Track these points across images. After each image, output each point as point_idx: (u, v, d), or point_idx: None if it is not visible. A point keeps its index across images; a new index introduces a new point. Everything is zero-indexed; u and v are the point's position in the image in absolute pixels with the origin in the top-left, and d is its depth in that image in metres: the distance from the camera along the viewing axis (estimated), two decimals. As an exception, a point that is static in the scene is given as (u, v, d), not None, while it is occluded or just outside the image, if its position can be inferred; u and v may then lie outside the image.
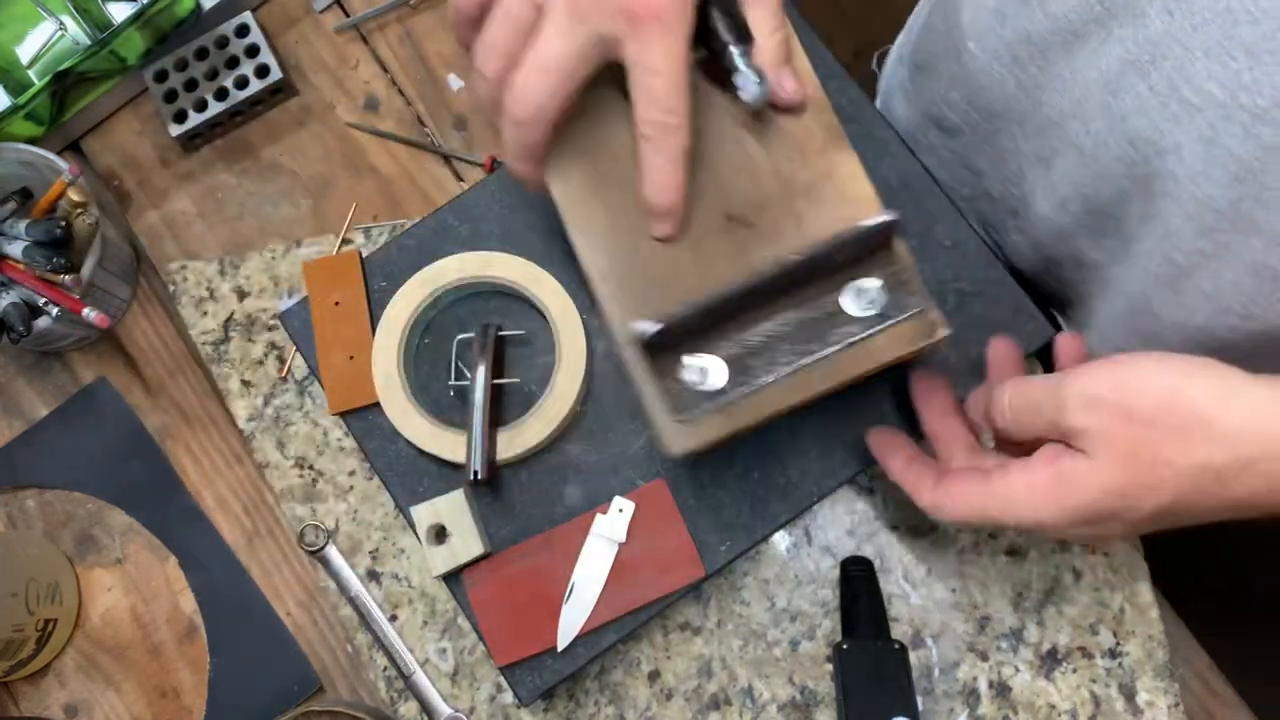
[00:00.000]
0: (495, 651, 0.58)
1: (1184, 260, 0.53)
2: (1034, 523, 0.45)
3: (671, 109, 0.45)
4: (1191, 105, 0.47)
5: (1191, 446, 0.41)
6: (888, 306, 0.47)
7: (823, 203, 0.49)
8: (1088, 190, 0.57)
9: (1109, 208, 0.57)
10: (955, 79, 0.64)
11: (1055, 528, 0.45)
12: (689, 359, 0.47)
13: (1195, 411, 0.41)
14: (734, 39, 0.47)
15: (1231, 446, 0.40)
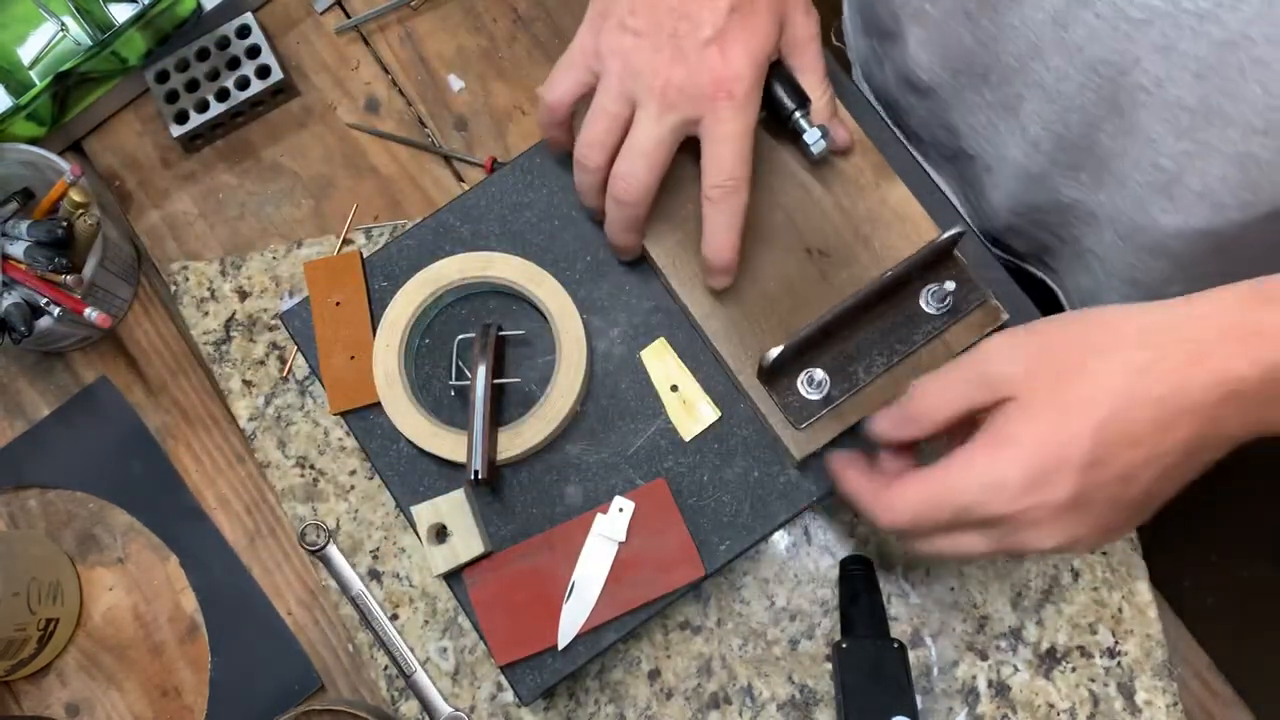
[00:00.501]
0: (496, 650, 0.58)
1: (1171, 165, 0.54)
2: (984, 495, 0.42)
3: (735, 175, 0.52)
4: (1139, 21, 0.49)
5: (1105, 353, 0.41)
6: (958, 303, 0.56)
7: (885, 226, 0.59)
8: (1057, 127, 0.58)
9: (1079, 140, 0.58)
10: (920, 41, 0.65)
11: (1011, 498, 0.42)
12: (803, 375, 0.56)
13: (1105, 323, 0.42)
14: (796, 104, 0.56)
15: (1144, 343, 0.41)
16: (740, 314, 0.59)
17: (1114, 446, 0.41)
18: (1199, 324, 0.41)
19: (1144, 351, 0.41)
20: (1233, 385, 0.40)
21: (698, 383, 0.60)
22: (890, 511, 0.46)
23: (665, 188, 0.60)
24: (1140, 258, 0.61)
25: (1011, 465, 0.42)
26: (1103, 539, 0.43)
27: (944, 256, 0.57)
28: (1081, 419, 0.41)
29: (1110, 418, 0.41)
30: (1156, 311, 0.42)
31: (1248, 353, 0.40)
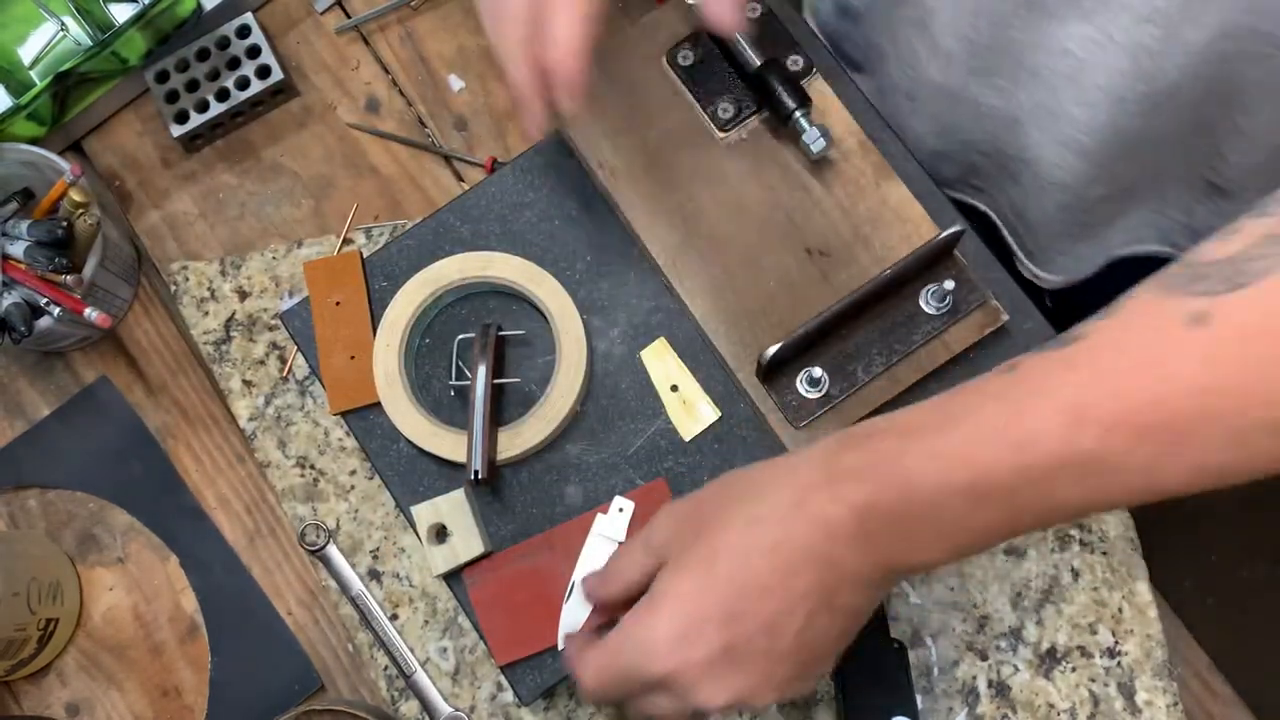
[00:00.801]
0: (496, 651, 0.58)
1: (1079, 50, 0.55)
2: (639, 657, 0.44)
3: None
4: None
5: (724, 512, 0.44)
6: (957, 302, 0.56)
7: (885, 226, 0.59)
8: (969, 33, 0.60)
9: (991, 42, 0.59)
10: None
11: (662, 657, 0.43)
12: (802, 374, 0.56)
13: (734, 480, 0.46)
14: (796, 104, 0.57)
15: (755, 496, 0.44)
16: (740, 314, 0.59)
17: (747, 598, 0.43)
18: (798, 471, 0.44)
19: (755, 504, 0.44)
20: (831, 526, 0.42)
21: (698, 383, 0.60)
22: (581, 680, 0.48)
23: (665, 187, 0.60)
24: (1062, 156, 0.62)
25: (656, 625, 0.44)
26: (778, 691, 0.44)
27: (943, 256, 0.57)
28: (712, 574, 0.43)
29: (736, 570, 0.43)
30: (773, 464, 0.45)
31: (835, 495, 0.42)
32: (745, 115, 0.60)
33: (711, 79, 0.61)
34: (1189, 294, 0.37)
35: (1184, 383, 0.36)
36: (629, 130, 0.61)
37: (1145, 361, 0.37)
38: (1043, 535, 0.66)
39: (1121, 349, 0.38)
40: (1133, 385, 0.37)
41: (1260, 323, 0.35)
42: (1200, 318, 0.36)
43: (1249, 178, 0.59)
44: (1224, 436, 0.36)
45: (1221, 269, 0.37)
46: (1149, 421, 0.36)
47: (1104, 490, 0.38)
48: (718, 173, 0.60)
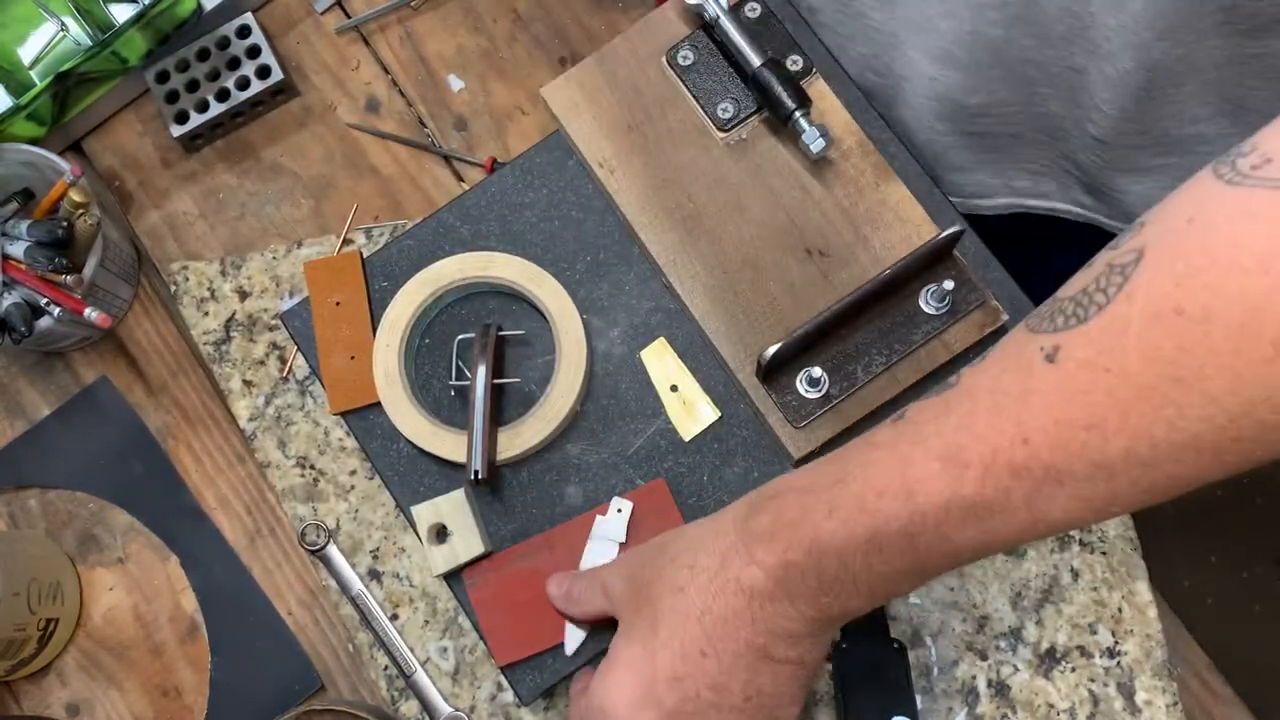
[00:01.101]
0: (496, 651, 0.58)
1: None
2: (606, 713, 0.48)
3: None
4: None
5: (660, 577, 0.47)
6: (957, 303, 0.56)
7: (885, 226, 0.59)
8: None
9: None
10: None
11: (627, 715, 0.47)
12: (802, 374, 0.56)
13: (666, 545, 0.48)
14: (796, 104, 0.57)
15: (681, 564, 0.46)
16: (740, 314, 0.59)
17: (688, 661, 0.46)
18: (720, 536, 0.46)
19: (681, 572, 0.46)
20: (750, 589, 0.44)
21: (697, 383, 0.60)
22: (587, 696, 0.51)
23: (666, 185, 0.60)
24: (937, 69, 0.62)
25: (615, 688, 0.47)
26: None
27: (943, 256, 0.57)
28: (654, 641, 0.46)
29: (672, 637, 0.46)
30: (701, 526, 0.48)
31: (750, 558, 0.44)
32: (745, 115, 0.60)
33: (711, 79, 0.61)
34: (1044, 331, 0.38)
35: (1041, 419, 0.37)
36: (629, 130, 0.61)
37: (1005, 402, 0.38)
38: (1042, 535, 0.66)
39: (987, 390, 0.39)
40: (998, 425, 0.38)
41: (1101, 355, 0.36)
42: (1052, 353, 0.37)
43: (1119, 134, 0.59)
44: (1091, 468, 0.36)
45: (1072, 303, 0.37)
46: (1018, 460, 0.38)
47: (997, 530, 0.39)
48: (718, 173, 0.60)
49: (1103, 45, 0.54)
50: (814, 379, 0.56)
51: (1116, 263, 0.36)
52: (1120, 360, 0.35)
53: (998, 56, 0.58)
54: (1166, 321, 0.34)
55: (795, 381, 0.57)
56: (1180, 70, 0.53)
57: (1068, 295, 0.38)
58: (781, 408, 0.57)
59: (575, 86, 0.62)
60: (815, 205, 0.59)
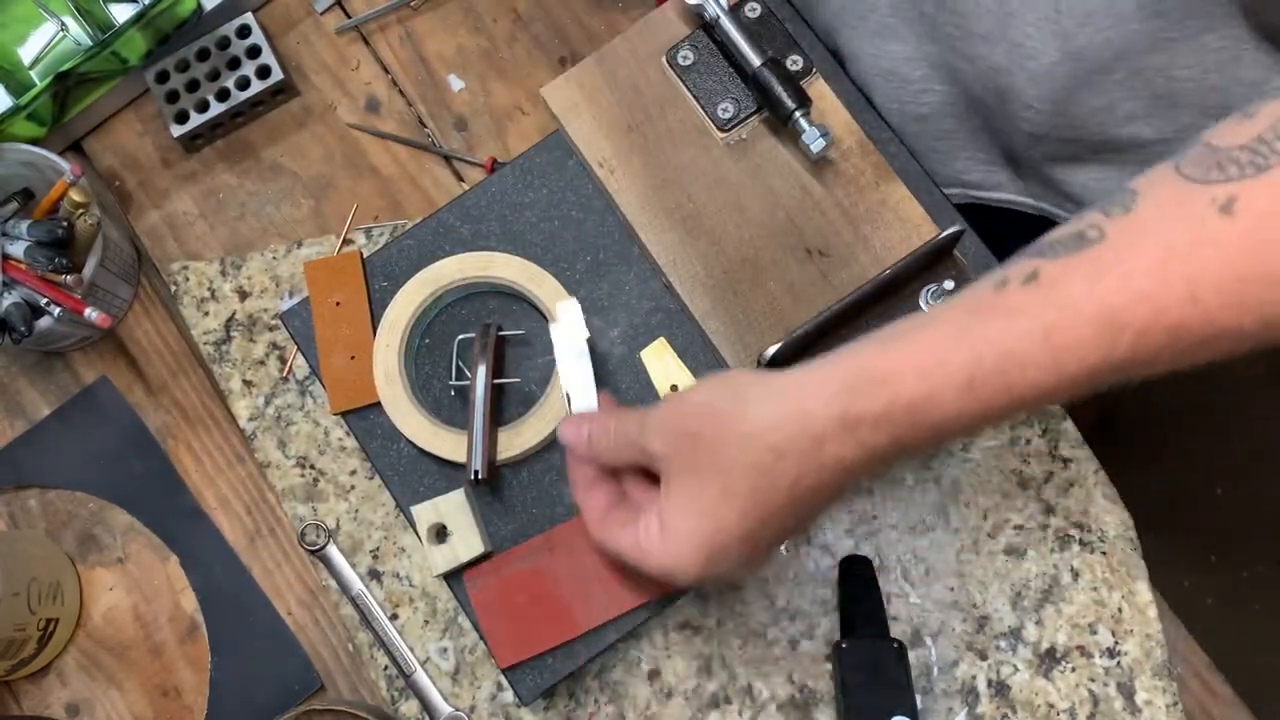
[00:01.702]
0: (497, 653, 0.58)
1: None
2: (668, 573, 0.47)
3: None
4: None
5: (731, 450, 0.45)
6: None
7: (885, 226, 0.59)
8: None
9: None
10: None
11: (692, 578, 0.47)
12: None
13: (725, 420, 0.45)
14: (796, 104, 0.57)
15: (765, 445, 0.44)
16: (740, 314, 0.59)
17: (765, 525, 0.45)
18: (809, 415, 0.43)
19: (763, 455, 0.44)
20: (848, 466, 0.43)
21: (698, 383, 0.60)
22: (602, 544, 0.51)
23: (666, 185, 0.60)
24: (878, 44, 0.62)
25: (686, 560, 0.46)
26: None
27: (943, 256, 0.57)
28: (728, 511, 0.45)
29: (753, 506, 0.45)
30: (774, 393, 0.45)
31: (855, 443, 0.42)
32: (745, 115, 0.60)
33: (711, 79, 0.61)
34: (1212, 181, 0.36)
35: (1215, 275, 0.35)
36: (629, 130, 0.61)
37: (1173, 257, 0.36)
38: (1042, 535, 0.66)
39: (1148, 246, 0.37)
40: (1165, 284, 0.36)
41: None
42: (1227, 205, 0.35)
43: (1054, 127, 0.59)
44: (1259, 326, 0.35)
45: (1245, 154, 0.35)
46: (1184, 319, 0.36)
47: (1131, 378, 0.38)
48: (718, 173, 0.60)
49: (1025, 44, 0.54)
50: None
51: None
52: None
53: (932, 33, 0.58)
54: None
55: None
56: (1106, 58, 0.53)
57: (1235, 144, 0.36)
58: None
59: (575, 86, 0.62)
60: (815, 205, 0.59)
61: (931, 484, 0.67)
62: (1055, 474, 0.66)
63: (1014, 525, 0.66)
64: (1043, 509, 0.66)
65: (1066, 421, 0.67)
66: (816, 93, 0.60)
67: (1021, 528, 0.66)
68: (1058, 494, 0.66)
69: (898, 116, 0.65)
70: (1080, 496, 0.66)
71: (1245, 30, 0.51)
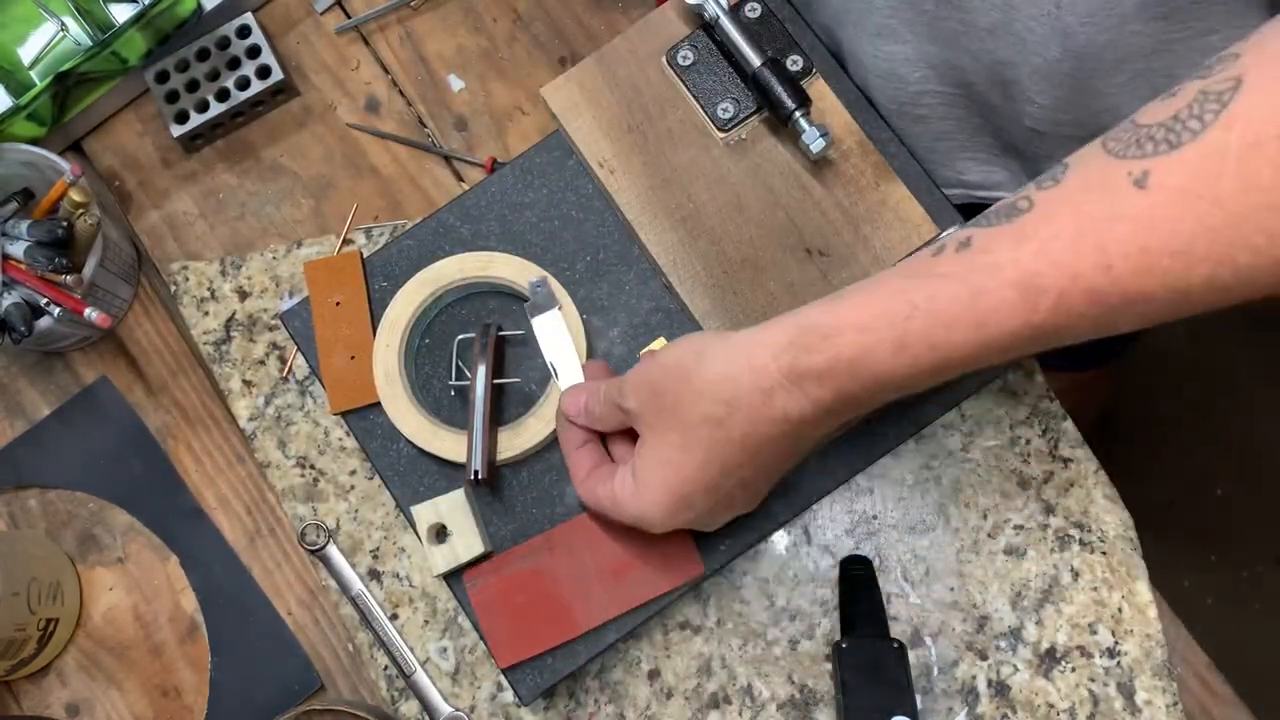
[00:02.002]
0: (498, 654, 0.58)
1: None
2: (639, 520, 0.51)
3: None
4: None
5: (688, 403, 0.48)
6: None
7: (884, 226, 0.59)
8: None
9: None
10: None
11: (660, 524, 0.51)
12: None
13: (685, 376, 0.48)
14: (796, 104, 0.57)
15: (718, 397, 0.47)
16: (740, 314, 0.59)
17: (725, 474, 0.49)
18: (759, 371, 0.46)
19: (717, 407, 0.47)
20: (796, 418, 0.45)
21: (698, 383, 0.60)
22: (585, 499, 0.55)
23: (666, 185, 0.60)
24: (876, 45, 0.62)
25: (650, 503, 0.50)
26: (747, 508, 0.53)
27: None
28: (690, 458, 0.49)
29: (711, 455, 0.48)
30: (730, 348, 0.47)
31: (801, 394, 0.45)
32: (745, 115, 0.60)
33: (711, 79, 0.61)
34: (1130, 157, 0.37)
35: (1128, 245, 0.37)
36: (629, 130, 0.61)
37: (1089, 227, 0.38)
38: (1042, 535, 0.66)
39: (1068, 216, 0.39)
40: (1080, 252, 0.38)
41: (1196, 182, 0.36)
42: (1141, 179, 0.37)
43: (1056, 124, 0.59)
44: (1167, 292, 0.37)
45: (1161, 129, 0.37)
46: (1096, 285, 0.38)
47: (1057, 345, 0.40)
48: (718, 173, 0.60)
49: (1027, 38, 0.54)
50: None
51: (1211, 89, 0.36)
52: (1215, 187, 0.35)
53: (932, 32, 0.59)
54: (1267, 149, 0.34)
55: None
56: (1109, 59, 0.53)
57: (1155, 121, 0.38)
58: None
59: (575, 86, 0.62)
60: (815, 205, 0.59)
61: (931, 484, 0.67)
62: (1055, 474, 0.66)
63: (1014, 525, 0.66)
64: (1043, 509, 0.66)
65: (1066, 421, 0.67)
66: (816, 93, 0.60)
67: (1021, 528, 0.66)
68: (1058, 494, 0.66)
69: (897, 117, 0.65)
70: (1080, 496, 0.66)
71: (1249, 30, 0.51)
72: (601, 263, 0.62)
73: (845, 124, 0.60)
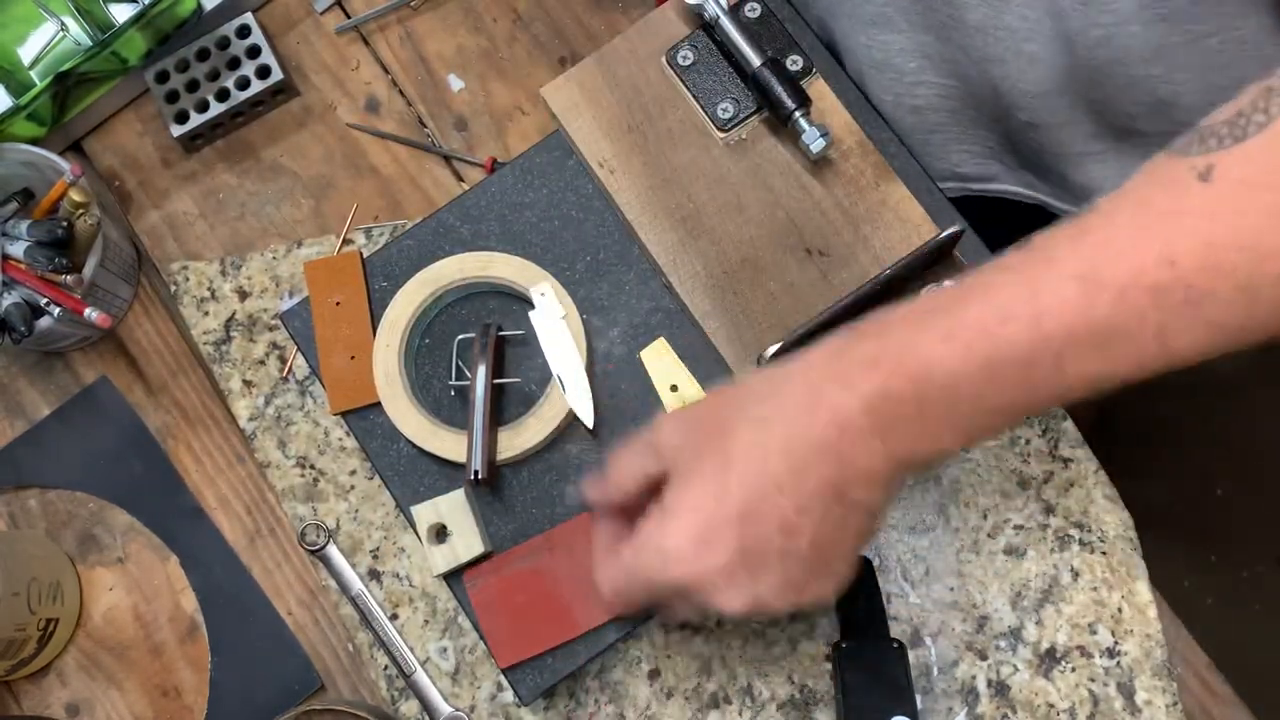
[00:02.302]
0: (497, 653, 0.58)
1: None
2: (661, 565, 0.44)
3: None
4: None
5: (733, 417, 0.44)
6: None
7: (884, 226, 0.59)
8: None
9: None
10: None
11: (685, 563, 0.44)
12: None
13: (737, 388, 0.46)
14: (796, 104, 0.57)
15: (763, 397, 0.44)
16: (740, 314, 0.59)
17: (761, 498, 0.42)
18: (812, 368, 0.43)
19: (764, 405, 0.43)
20: (843, 419, 0.41)
21: (697, 383, 0.60)
22: (602, 586, 0.49)
23: (666, 185, 0.60)
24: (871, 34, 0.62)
25: (676, 534, 0.44)
26: (796, 593, 0.44)
27: (943, 256, 0.57)
28: (726, 478, 0.43)
29: (749, 472, 0.43)
30: (785, 365, 0.44)
31: (847, 386, 0.41)
32: (745, 115, 0.60)
33: (711, 79, 0.61)
34: (1195, 154, 0.37)
35: (1191, 238, 0.36)
36: (629, 130, 0.61)
37: (1152, 221, 0.37)
38: (1042, 535, 0.66)
39: (1130, 212, 0.38)
40: (1141, 245, 0.37)
41: (1262, 173, 0.35)
42: (1205, 173, 0.36)
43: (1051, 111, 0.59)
44: (1234, 291, 0.36)
45: (1225, 127, 0.36)
46: (1160, 281, 0.36)
47: (1120, 360, 0.38)
48: (718, 173, 0.60)
49: (1019, 27, 0.54)
50: None
51: (1277, 86, 0.36)
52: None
53: (925, 22, 0.58)
54: None
55: None
56: (1105, 58, 0.53)
57: (1218, 120, 0.37)
58: None
59: (575, 86, 0.62)
60: (815, 205, 0.60)
61: (931, 484, 0.67)
62: (1055, 474, 0.66)
63: (1014, 525, 0.66)
64: (1043, 509, 0.66)
65: (1066, 421, 0.67)
66: (816, 93, 0.60)
67: (1021, 528, 0.66)
68: (1058, 494, 0.66)
69: (892, 109, 0.65)
70: (1080, 496, 0.66)
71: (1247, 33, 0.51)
72: (601, 263, 0.62)
73: (845, 124, 0.60)
